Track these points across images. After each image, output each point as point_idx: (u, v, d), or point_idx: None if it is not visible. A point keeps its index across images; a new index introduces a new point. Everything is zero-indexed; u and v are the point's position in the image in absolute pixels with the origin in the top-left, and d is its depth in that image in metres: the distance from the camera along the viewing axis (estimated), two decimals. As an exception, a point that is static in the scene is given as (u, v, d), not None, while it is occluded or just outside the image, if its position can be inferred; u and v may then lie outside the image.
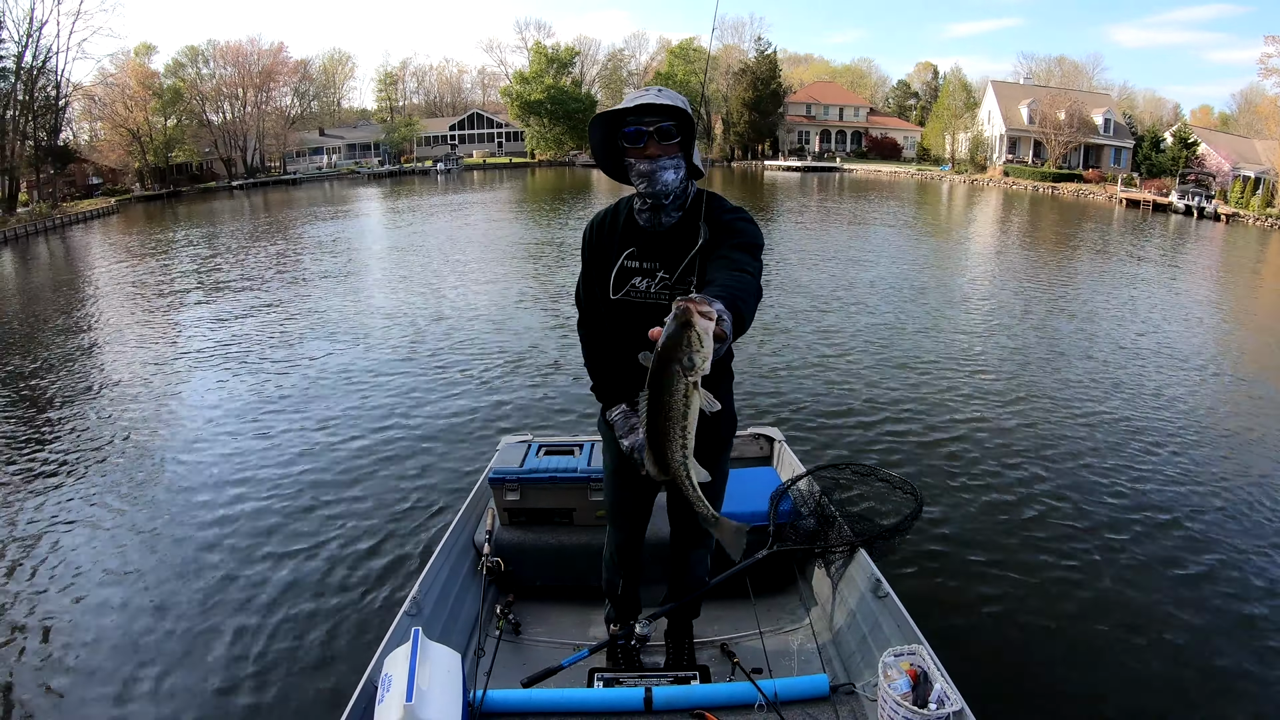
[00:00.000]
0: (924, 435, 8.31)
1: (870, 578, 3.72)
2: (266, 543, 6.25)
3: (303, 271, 20.32)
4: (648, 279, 2.90)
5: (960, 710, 2.77)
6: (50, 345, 14.27)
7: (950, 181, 54.65)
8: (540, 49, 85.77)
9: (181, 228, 38.07)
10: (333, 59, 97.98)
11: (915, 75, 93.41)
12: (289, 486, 7.28)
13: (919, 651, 3.02)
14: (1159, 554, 5.96)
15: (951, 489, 7.03)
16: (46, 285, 24.06)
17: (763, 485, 4.44)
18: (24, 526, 6.80)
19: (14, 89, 51.62)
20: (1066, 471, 7.42)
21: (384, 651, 3.09)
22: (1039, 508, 6.69)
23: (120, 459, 8.19)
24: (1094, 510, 6.67)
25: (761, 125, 74.16)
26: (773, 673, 3.45)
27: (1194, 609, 5.26)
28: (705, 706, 3.04)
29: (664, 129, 2.71)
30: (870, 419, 8.74)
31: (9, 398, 11.01)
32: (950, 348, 11.77)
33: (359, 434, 8.53)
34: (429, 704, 2.60)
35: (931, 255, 21.17)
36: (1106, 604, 5.34)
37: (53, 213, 47.87)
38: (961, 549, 5.99)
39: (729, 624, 4.07)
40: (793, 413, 8.86)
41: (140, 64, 72.96)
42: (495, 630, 3.85)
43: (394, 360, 11.43)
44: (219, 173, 76.92)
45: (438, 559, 4.05)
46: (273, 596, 5.46)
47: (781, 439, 5.40)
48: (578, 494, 4.37)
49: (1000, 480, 7.22)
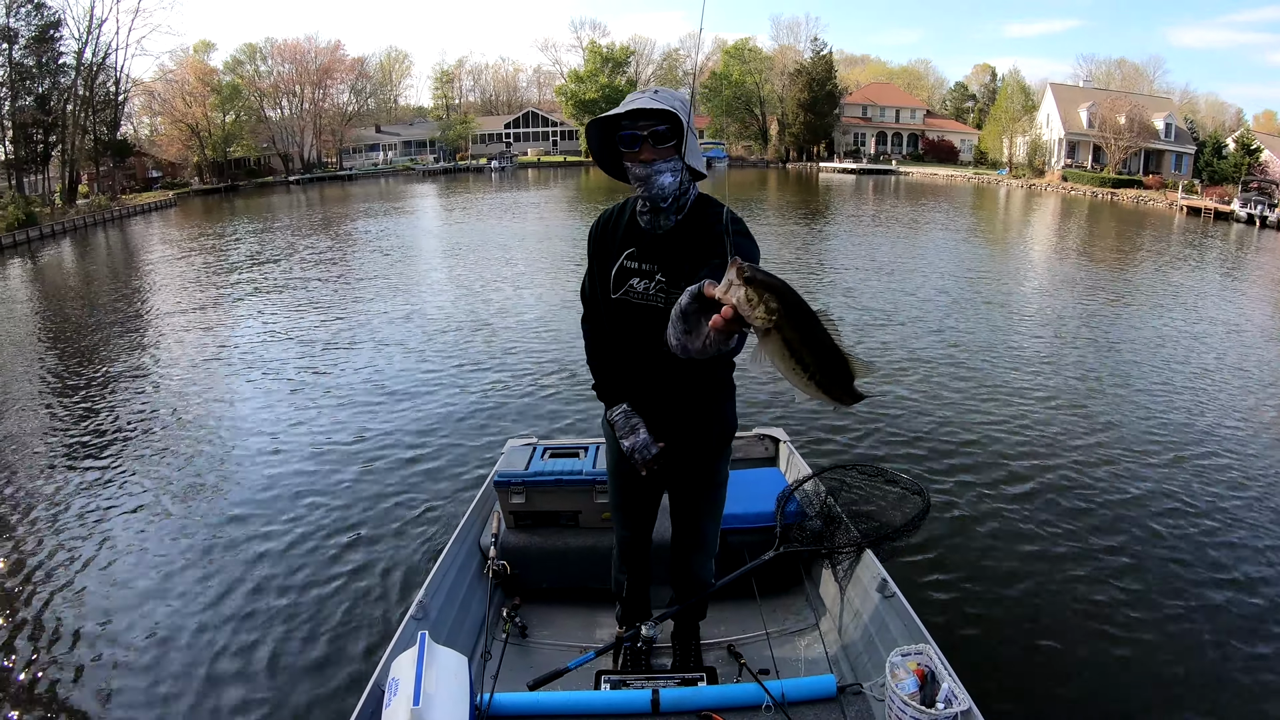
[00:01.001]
0: (934, 435, 8.33)
1: (877, 578, 3.74)
2: (272, 545, 6.30)
3: (346, 271, 20.60)
4: (645, 280, 2.90)
5: (968, 710, 2.79)
6: (103, 332, 14.82)
7: (1007, 186, 53.69)
8: (595, 48, 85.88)
9: (236, 221, 38.72)
10: (390, 57, 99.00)
11: (973, 77, 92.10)
12: (293, 489, 7.34)
13: (926, 651, 3.03)
14: (1170, 555, 5.96)
15: (959, 489, 7.04)
16: (103, 274, 24.83)
17: (769, 486, 4.47)
18: (55, 497, 7.19)
19: (75, 84, 52.92)
20: (1075, 472, 7.42)
21: (390, 655, 3.12)
22: (1047, 508, 6.70)
23: (130, 450, 8.46)
24: (1102, 511, 6.66)
25: (817, 126, 73.30)
26: (780, 674, 3.46)
27: (1206, 610, 5.27)
28: (712, 708, 3.05)
29: (658, 132, 2.70)
30: (879, 418, 8.76)
31: (64, 382, 11.47)
32: (968, 350, 11.76)
33: (364, 436, 8.60)
34: (436, 708, 2.60)
35: (980, 263, 20.87)
36: (1115, 604, 5.33)
37: (111, 205, 49.02)
38: (968, 548, 6.01)
39: (736, 625, 4.09)
40: (808, 412, 8.85)
41: (199, 61, 74.56)
42: (502, 633, 3.87)
43: (408, 361, 11.55)
44: (276, 168, 78.22)
45: (444, 562, 4.08)
46: (279, 600, 5.51)
47: (787, 440, 5.42)
48: (583, 496, 4.38)
49: (1008, 480, 7.22)
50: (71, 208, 46.65)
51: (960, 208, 37.32)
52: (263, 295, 17.55)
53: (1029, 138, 59.94)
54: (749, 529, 4.19)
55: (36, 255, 30.53)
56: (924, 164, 68.61)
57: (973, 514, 6.56)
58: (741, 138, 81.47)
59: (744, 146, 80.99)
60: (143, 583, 5.86)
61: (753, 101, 79.88)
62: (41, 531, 6.69)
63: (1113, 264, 19.94)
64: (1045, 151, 58.74)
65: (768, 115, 79.96)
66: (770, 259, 19.25)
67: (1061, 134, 56.87)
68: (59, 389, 11.21)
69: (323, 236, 29.31)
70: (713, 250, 2.71)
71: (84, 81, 53.61)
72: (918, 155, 73.16)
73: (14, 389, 11.50)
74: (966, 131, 75.46)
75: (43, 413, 10.17)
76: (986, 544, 6.08)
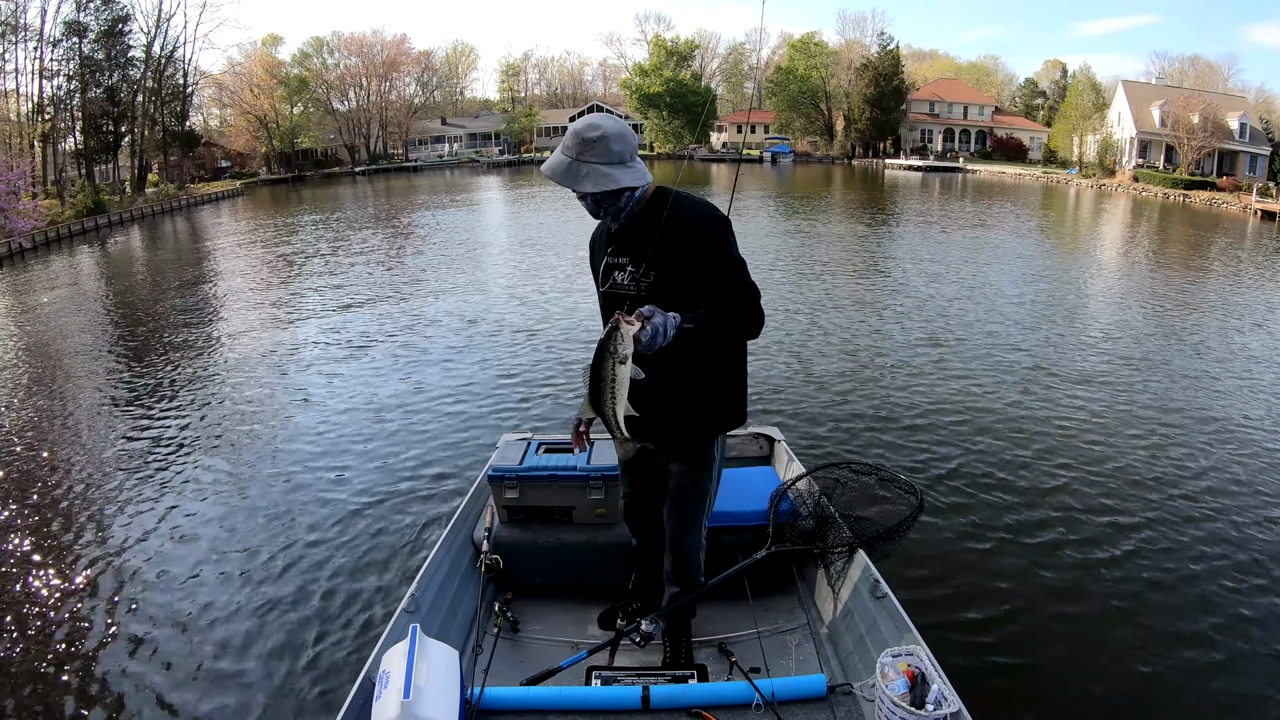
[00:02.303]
0: (932, 435, 8.37)
1: (869, 578, 3.74)
2: (263, 537, 6.36)
3: (392, 265, 20.95)
4: (623, 273, 3.22)
5: (958, 711, 2.79)
6: (167, 316, 15.62)
7: (1077, 186, 52.47)
8: (660, 42, 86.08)
9: (300, 212, 39.69)
10: (456, 50, 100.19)
11: (1043, 73, 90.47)
12: (284, 482, 7.43)
13: (917, 652, 3.03)
14: (1161, 557, 5.98)
15: (953, 490, 7.07)
16: (166, 260, 26.06)
17: (762, 485, 4.49)
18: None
19: (144, 77, 54.98)
20: (1068, 474, 7.44)
21: (382, 648, 3.12)
22: (1040, 510, 6.72)
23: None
24: (1093, 513, 6.68)
25: (883, 122, 72.56)
26: (770, 672, 3.50)
27: (1196, 611, 5.29)
28: (703, 706, 3.05)
29: (593, 195, 3.02)
30: (878, 419, 8.85)
31: (130, 362, 12.15)
32: (973, 349, 11.74)
33: (359, 429, 8.70)
34: (426, 701, 2.63)
35: (1041, 268, 20.43)
36: (1106, 605, 5.38)
37: (179, 194, 50.75)
38: (961, 550, 6.04)
39: (727, 623, 4.10)
40: (803, 412, 9.01)
41: (267, 53, 76.52)
42: (493, 628, 3.90)
43: (411, 354, 11.77)
44: (343, 159, 79.94)
45: (436, 556, 4.09)
46: (270, 592, 5.54)
47: (781, 438, 5.42)
48: (577, 492, 4.39)
49: (1004, 483, 7.23)
50: (140, 196, 48.49)
51: (1028, 208, 36.52)
52: (299, 286, 18.19)
53: (1100, 136, 58.70)
54: (742, 527, 4.22)
55: (105, 242, 31.69)
56: (992, 162, 67.59)
57: (967, 516, 6.59)
58: (807, 133, 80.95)
59: (809, 142, 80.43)
60: (131, 567, 6.00)
61: (818, 96, 79.37)
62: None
63: (1180, 271, 19.44)
64: (1116, 151, 57.39)
65: (833, 111, 79.34)
66: (834, 262, 19.57)
67: (1133, 133, 55.53)
68: (122, 368, 11.89)
69: (380, 229, 29.96)
70: (681, 238, 3.04)
71: (153, 74, 55.74)
72: (985, 153, 72.14)
73: (83, 364, 12.30)
74: (1036, 129, 74.03)
75: (106, 386, 10.84)
76: (980, 547, 6.12)
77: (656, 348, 2.76)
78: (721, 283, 3.03)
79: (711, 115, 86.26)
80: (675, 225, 3.05)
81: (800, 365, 10.90)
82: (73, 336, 14.61)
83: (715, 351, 3.23)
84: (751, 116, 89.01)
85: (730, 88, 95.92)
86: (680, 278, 3.06)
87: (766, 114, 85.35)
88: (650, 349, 2.75)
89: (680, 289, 3.04)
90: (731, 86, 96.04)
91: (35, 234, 29.71)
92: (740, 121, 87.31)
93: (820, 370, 10.70)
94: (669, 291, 3.05)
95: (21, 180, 31.41)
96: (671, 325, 2.77)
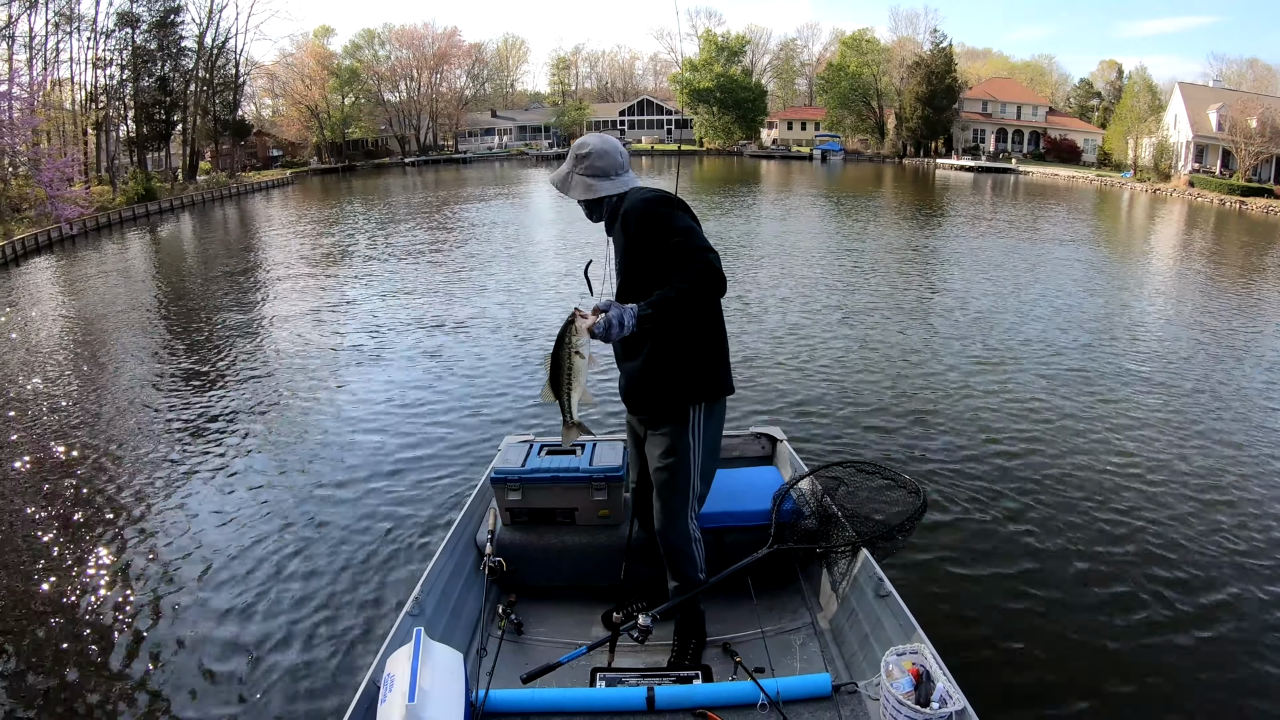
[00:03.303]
0: (934, 434, 8.40)
1: (873, 577, 3.74)
2: (267, 542, 6.32)
3: (437, 260, 20.88)
4: (613, 268, 3.65)
5: (963, 710, 2.80)
6: (205, 298, 16.30)
7: (1131, 190, 51.26)
8: (710, 37, 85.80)
9: (347, 201, 40.37)
10: (507, 43, 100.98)
11: (1098, 74, 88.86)
12: (288, 485, 7.44)
13: (921, 650, 3.04)
14: (1167, 557, 5.95)
15: (957, 489, 7.06)
16: (212, 246, 27.11)
17: (765, 484, 4.49)
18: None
19: (195, 67, 56.43)
20: (1077, 476, 7.40)
21: (386, 651, 3.13)
22: (1045, 508, 6.71)
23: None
24: (1100, 511, 6.68)
25: (935, 121, 71.65)
26: (775, 672, 3.48)
27: (1200, 612, 5.28)
28: (707, 706, 3.06)
29: (586, 202, 3.54)
30: (881, 417, 8.88)
31: (177, 343, 12.63)
32: (1004, 356, 11.57)
33: (360, 430, 8.70)
34: (431, 704, 2.64)
35: (1086, 274, 19.90)
36: (1110, 604, 5.36)
37: (230, 182, 51.95)
38: (965, 549, 6.03)
39: (731, 623, 4.10)
40: (806, 412, 9.04)
41: (319, 45, 77.91)
42: (497, 630, 3.92)
43: (414, 355, 11.74)
44: (393, 149, 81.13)
45: (440, 559, 4.10)
46: (275, 596, 5.54)
47: (784, 438, 5.40)
48: (579, 494, 4.40)
49: (1008, 482, 7.24)
50: (191, 184, 49.68)
51: (1080, 213, 35.91)
52: (331, 280, 18.45)
53: (1155, 139, 57.65)
54: (745, 527, 4.23)
55: (156, 228, 32.50)
56: (1045, 163, 66.54)
57: (970, 514, 6.60)
58: (858, 131, 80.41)
59: (860, 140, 79.92)
60: (138, 565, 6.05)
61: (870, 94, 78.80)
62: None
63: (1235, 284, 18.80)
64: (1172, 154, 56.17)
65: (885, 109, 78.74)
66: (874, 263, 19.80)
67: (1189, 136, 54.09)
68: (167, 347, 12.41)
69: (424, 221, 30.26)
70: (633, 224, 3.39)
71: (204, 64, 57.20)
72: (1038, 154, 71.06)
73: (132, 342, 12.80)
74: (1090, 131, 72.69)
75: (151, 365, 11.38)
76: (983, 545, 6.12)
77: (616, 338, 3.08)
78: (678, 259, 3.20)
79: (762, 111, 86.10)
80: (625, 221, 3.40)
81: (820, 362, 10.98)
82: (119, 314, 15.29)
83: (686, 321, 3.45)
84: (802, 113, 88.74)
85: (781, 84, 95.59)
86: (640, 265, 3.38)
87: (817, 111, 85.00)
88: (609, 339, 3.09)
89: (643, 275, 3.33)
90: (782, 83, 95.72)
91: (84, 220, 30.51)
92: (791, 118, 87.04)
93: (841, 367, 10.82)
94: (636, 280, 3.39)
95: (71, 167, 32.11)
96: (629, 316, 3.06)
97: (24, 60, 41.22)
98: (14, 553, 6.33)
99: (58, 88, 45.89)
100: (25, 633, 5.26)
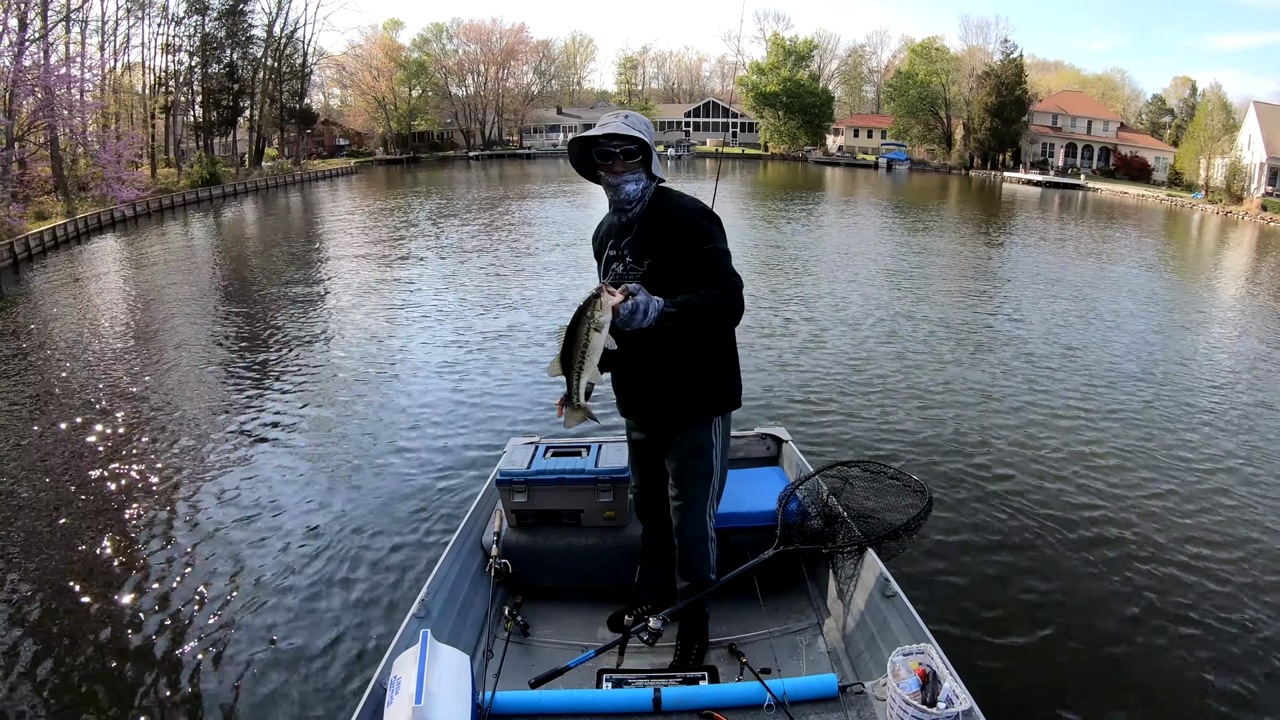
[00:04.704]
0: (939, 434, 8.43)
1: (879, 577, 3.73)
2: (272, 543, 6.34)
3: (485, 261, 20.58)
4: (622, 264, 3.51)
5: (969, 710, 2.80)
6: (275, 281, 17.00)
7: (1202, 211, 49.89)
8: (778, 40, 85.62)
9: (407, 194, 40.77)
10: (574, 41, 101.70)
11: (1171, 90, 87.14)
12: (294, 488, 7.41)
13: (928, 651, 3.04)
14: (1173, 557, 5.98)
15: (963, 488, 7.09)
16: (269, 231, 28.29)
17: (770, 485, 4.53)
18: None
19: (264, 55, 58.15)
20: (1084, 477, 7.43)
21: (393, 653, 3.13)
22: (1051, 508, 6.72)
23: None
24: (1105, 510, 6.73)
25: (1003, 133, 70.35)
26: (781, 673, 3.47)
27: (1209, 615, 5.28)
28: (714, 707, 3.05)
29: (628, 150, 3.34)
30: (887, 417, 8.93)
31: (236, 324, 13.11)
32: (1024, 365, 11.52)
33: (365, 434, 8.67)
34: (438, 706, 2.63)
35: (1150, 300, 19.69)
36: (1117, 604, 5.39)
37: (294, 169, 53.49)
38: (971, 549, 6.04)
39: (737, 624, 4.10)
40: (810, 412, 9.09)
41: (388, 37, 79.34)
42: (504, 632, 3.92)
43: (422, 358, 11.64)
44: (458, 143, 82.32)
45: (446, 561, 4.09)
46: (281, 599, 5.53)
47: (789, 439, 5.37)
48: (585, 495, 4.40)
49: (1013, 481, 7.26)
50: (256, 170, 51.28)
51: (1150, 235, 35.10)
52: (374, 276, 18.62)
53: (1228, 160, 56.00)
54: (751, 528, 4.23)
55: (218, 211, 33.53)
56: (1114, 181, 65.05)
57: (976, 514, 6.61)
58: (924, 140, 79.56)
59: (926, 150, 79.13)
60: (147, 562, 6.07)
61: (938, 103, 77.94)
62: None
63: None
64: (1245, 176, 54.73)
65: (953, 118, 77.77)
66: (931, 278, 19.84)
67: (1263, 158, 52.12)
68: (224, 326, 12.96)
69: (482, 217, 30.51)
70: (674, 228, 3.37)
71: (272, 53, 58.91)
72: (1108, 170, 69.54)
73: (192, 316, 13.45)
74: (1161, 149, 70.88)
75: (209, 344, 11.93)
76: (989, 544, 6.14)
77: (635, 326, 2.96)
78: (705, 273, 3.24)
79: (828, 117, 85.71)
80: (666, 220, 3.40)
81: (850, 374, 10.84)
82: (168, 289, 16.24)
83: (698, 337, 3.40)
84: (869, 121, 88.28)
85: (848, 90, 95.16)
86: (669, 268, 3.32)
87: (884, 119, 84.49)
88: (628, 325, 2.95)
89: (669, 278, 3.26)
90: (850, 89, 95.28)
91: (146, 201, 31.53)
92: (857, 125, 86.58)
93: (867, 371, 10.89)
94: (659, 280, 3.25)
95: (129, 150, 32.95)
96: (654, 307, 2.97)
97: (95, 44, 42.54)
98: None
99: (128, 72, 47.55)
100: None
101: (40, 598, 5.61)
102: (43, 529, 6.64)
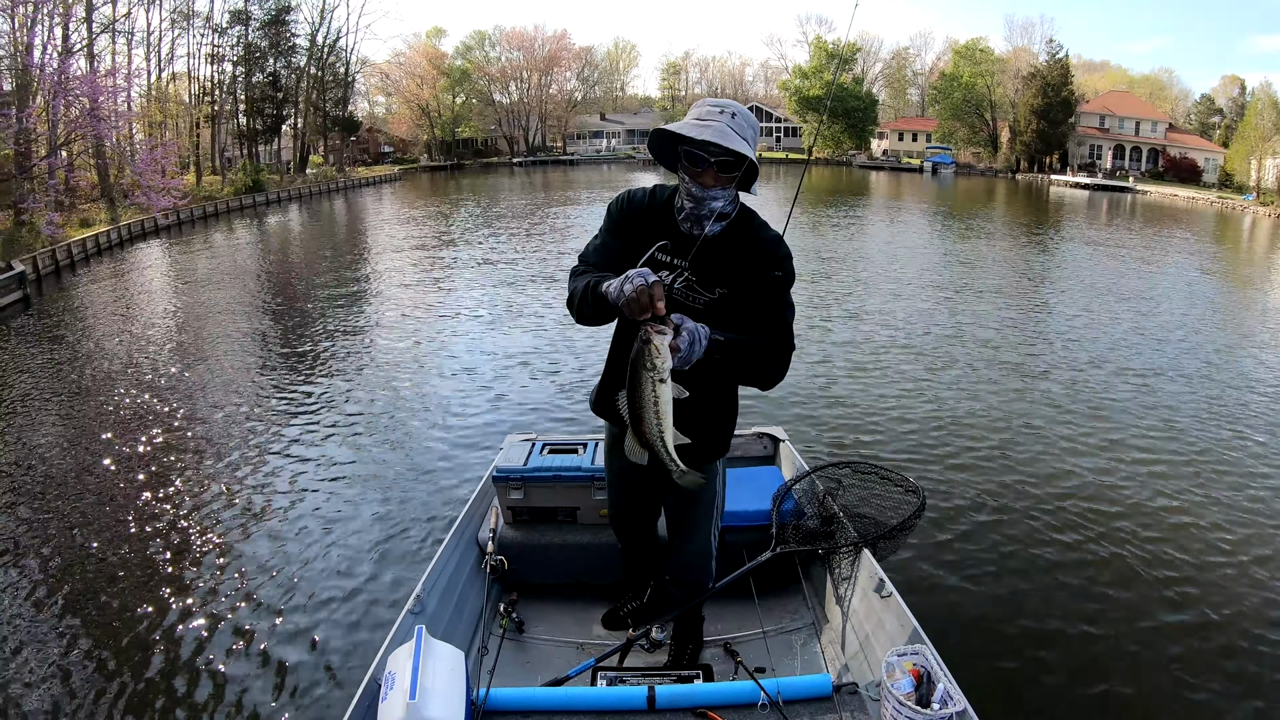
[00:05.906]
0: (935, 435, 8.44)
1: (874, 577, 3.73)
2: (266, 537, 6.38)
3: (523, 268, 20.46)
4: (675, 275, 2.99)
5: (963, 710, 2.80)
6: (318, 284, 17.48)
7: (1253, 214, 48.70)
8: (821, 44, 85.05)
9: (452, 201, 41.36)
10: (617, 47, 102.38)
11: (1220, 90, 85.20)
12: (289, 483, 7.46)
13: (922, 651, 3.05)
14: (1167, 559, 5.97)
15: (957, 489, 7.09)
16: (311, 237, 28.99)
17: (766, 485, 4.52)
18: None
19: (307, 64, 59.24)
20: (1077, 477, 7.44)
21: (388, 649, 3.12)
22: (1045, 509, 6.73)
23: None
24: (1100, 511, 6.72)
25: (1050, 135, 69.21)
26: (776, 672, 3.49)
27: (1202, 615, 5.32)
28: (708, 706, 3.06)
29: (724, 163, 2.77)
30: (883, 419, 8.95)
31: (279, 326, 13.39)
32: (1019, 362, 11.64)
33: (362, 429, 8.73)
34: (432, 702, 2.65)
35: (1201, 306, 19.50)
36: (1111, 606, 5.40)
37: (338, 176, 54.18)
38: (966, 549, 6.05)
39: (732, 623, 4.13)
40: (808, 412, 9.12)
41: (431, 45, 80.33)
42: (499, 628, 3.95)
43: (420, 354, 11.81)
44: (502, 149, 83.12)
45: (441, 557, 4.09)
46: (275, 595, 5.54)
47: (785, 438, 5.38)
48: (582, 493, 4.42)
49: (1008, 482, 7.27)
50: (300, 177, 52.27)
51: (1202, 238, 34.66)
52: (408, 279, 18.83)
53: (1279, 160, 55.49)
54: (746, 527, 4.25)
55: (262, 218, 34.32)
56: (1163, 183, 63.74)
57: (971, 515, 6.63)
58: (970, 143, 78.37)
59: (972, 153, 77.88)
60: (153, 560, 6.09)
61: (983, 105, 76.79)
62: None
63: None
64: None
65: (998, 121, 76.73)
66: (975, 287, 19.73)
67: None
68: (264, 329, 13.21)
69: (523, 224, 30.44)
70: (754, 262, 2.93)
71: (315, 62, 60.00)
72: (1157, 172, 68.05)
73: (235, 315, 13.83)
74: (1211, 149, 69.28)
75: (247, 343, 12.22)
76: (984, 545, 6.15)
77: (693, 360, 2.54)
78: (766, 321, 2.91)
79: (872, 121, 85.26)
80: (751, 251, 2.96)
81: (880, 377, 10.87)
82: (204, 292, 16.86)
83: (729, 379, 3.17)
84: (913, 124, 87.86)
85: (892, 93, 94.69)
86: (739, 301, 2.95)
87: (929, 122, 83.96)
88: (688, 361, 2.52)
89: (734, 314, 2.93)
90: (894, 92, 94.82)
91: (183, 209, 32.03)
92: (901, 129, 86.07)
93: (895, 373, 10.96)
94: (725, 311, 2.94)
95: (166, 159, 33.39)
96: (703, 336, 2.54)
97: (141, 55, 44.03)
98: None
99: (173, 81, 48.66)
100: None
101: (26, 584, 5.76)
102: (46, 518, 6.89)
